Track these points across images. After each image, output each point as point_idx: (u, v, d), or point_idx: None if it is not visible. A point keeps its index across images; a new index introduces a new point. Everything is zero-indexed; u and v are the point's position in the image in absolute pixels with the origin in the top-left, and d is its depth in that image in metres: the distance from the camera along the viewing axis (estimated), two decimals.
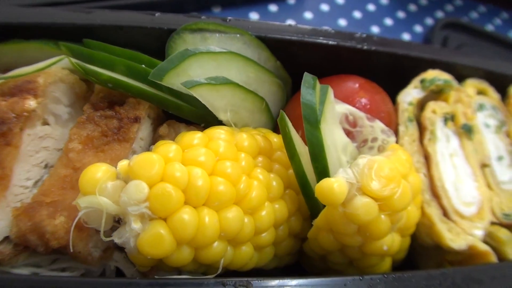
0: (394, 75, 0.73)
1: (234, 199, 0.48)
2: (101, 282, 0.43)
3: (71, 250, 0.44)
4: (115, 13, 0.62)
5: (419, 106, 0.70)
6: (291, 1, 1.07)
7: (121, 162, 0.45)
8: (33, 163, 0.52)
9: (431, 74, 0.70)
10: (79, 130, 0.53)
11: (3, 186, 0.48)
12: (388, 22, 1.12)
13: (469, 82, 0.75)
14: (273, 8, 1.05)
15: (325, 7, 1.09)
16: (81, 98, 0.59)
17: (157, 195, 0.43)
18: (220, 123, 0.61)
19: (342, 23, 1.08)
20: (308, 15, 1.07)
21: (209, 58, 0.59)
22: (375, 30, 1.10)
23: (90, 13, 0.60)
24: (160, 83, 0.55)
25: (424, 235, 0.61)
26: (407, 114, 0.66)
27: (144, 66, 0.57)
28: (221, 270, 0.49)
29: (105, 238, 0.43)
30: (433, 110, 0.67)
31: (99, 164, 0.45)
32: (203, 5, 0.99)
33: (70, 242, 0.43)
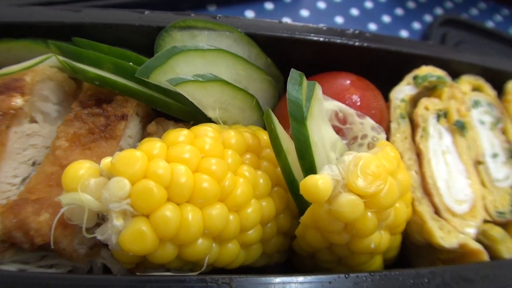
0: (388, 71, 0.72)
1: (218, 196, 0.48)
2: (82, 278, 0.43)
3: (51, 246, 0.44)
4: (104, 11, 0.62)
5: (413, 103, 0.69)
6: None
7: (104, 159, 0.45)
8: (20, 160, 0.52)
9: (424, 70, 0.69)
10: (66, 127, 0.53)
11: None
12: (386, 19, 1.11)
13: (464, 79, 0.74)
14: (269, 6, 1.05)
15: (321, 5, 1.08)
16: (70, 96, 0.59)
17: (139, 192, 0.43)
18: (210, 120, 0.61)
19: (339, 20, 1.07)
20: (305, 12, 1.06)
21: (197, 56, 0.58)
22: (372, 27, 1.09)
23: (79, 12, 0.61)
24: (147, 80, 0.55)
25: (416, 233, 0.60)
26: (399, 111, 0.65)
27: (131, 63, 0.57)
28: (206, 267, 0.49)
29: (88, 235, 0.43)
30: (425, 106, 0.66)
31: (82, 161, 0.45)
32: (199, 3, 0.99)
33: (51, 238, 0.44)
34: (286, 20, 1.03)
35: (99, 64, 0.56)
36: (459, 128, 0.65)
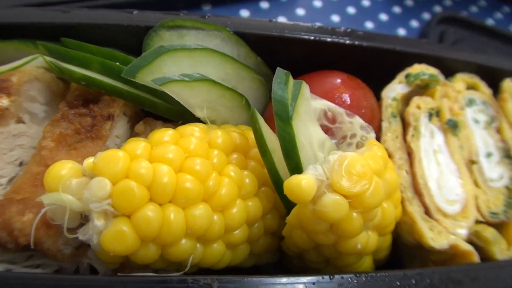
0: (382, 70, 0.71)
1: (202, 196, 0.48)
2: (61, 279, 0.43)
3: (31, 247, 0.44)
4: (93, 11, 0.62)
5: (405, 102, 0.68)
6: None
7: (87, 159, 0.45)
8: (6, 160, 0.53)
9: (417, 68, 0.68)
10: (52, 128, 0.53)
11: None
12: (383, 17, 1.10)
13: (459, 77, 0.73)
14: (264, 5, 1.04)
15: (317, 3, 1.08)
16: (58, 96, 0.59)
17: (120, 192, 0.43)
18: (199, 120, 0.61)
19: (335, 19, 1.07)
20: (300, 11, 1.05)
21: (184, 55, 0.58)
22: (369, 26, 1.08)
23: (68, 12, 0.61)
24: (133, 80, 0.54)
25: (406, 234, 0.59)
26: (390, 109, 0.65)
27: (118, 63, 0.57)
28: (191, 267, 0.49)
29: (69, 235, 0.43)
30: (417, 105, 0.65)
31: (64, 161, 0.45)
32: (194, 3, 0.99)
33: (32, 238, 0.44)
34: (282, 19, 1.03)
35: (86, 64, 0.56)
36: (452, 127, 0.64)
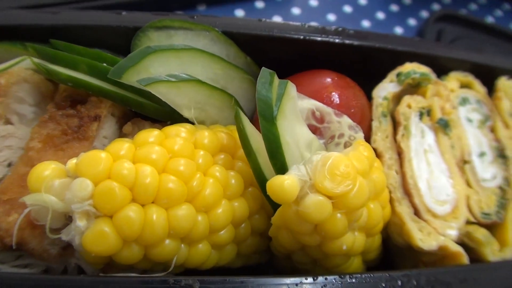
0: (375, 69, 0.71)
1: (185, 197, 0.48)
2: (44, 278, 0.43)
3: (13, 247, 0.45)
4: (82, 13, 0.63)
5: (396, 101, 0.67)
6: None
7: (71, 160, 0.46)
8: None
9: (408, 67, 0.67)
10: (40, 128, 0.54)
11: None
12: (380, 16, 1.09)
13: (452, 75, 0.72)
14: (260, 4, 1.04)
15: (313, 2, 1.07)
16: (47, 97, 0.60)
17: (101, 192, 0.43)
18: (188, 121, 0.61)
19: (332, 18, 1.06)
20: (296, 10, 1.05)
21: (171, 55, 0.58)
22: (366, 24, 1.07)
23: (57, 14, 0.61)
24: (119, 81, 0.55)
25: (396, 235, 0.59)
26: (381, 109, 0.64)
27: (106, 64, 0.57)
28: (176, 268, 0.49)
29: (52, 236, 0.44)
30: (408, 104, 0.64)
31: (48, 162, 0.46)
32: (188, 3, 0.99)
33: (14, 238, 0.44)
34: (277, 18, 1.02)
35: (74, 65, 0.57)
36: (443, 126, 0.63)
